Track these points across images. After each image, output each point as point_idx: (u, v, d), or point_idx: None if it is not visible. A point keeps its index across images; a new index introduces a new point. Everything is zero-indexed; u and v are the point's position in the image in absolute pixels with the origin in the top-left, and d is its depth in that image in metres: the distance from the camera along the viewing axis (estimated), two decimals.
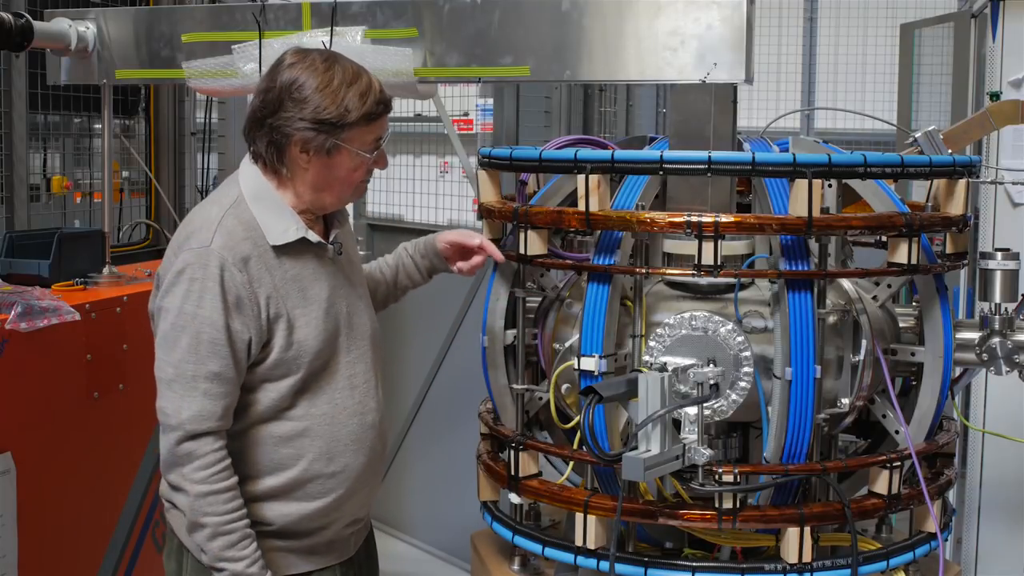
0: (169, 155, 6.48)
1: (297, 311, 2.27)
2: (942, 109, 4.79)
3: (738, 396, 2.40)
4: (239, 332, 2.20)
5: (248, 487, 2.29)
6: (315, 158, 2.26)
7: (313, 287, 2.31)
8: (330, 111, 2.23)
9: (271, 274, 2.24)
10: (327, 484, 2.32)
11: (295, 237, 2.28)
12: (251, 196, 2.29)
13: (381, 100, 2.30)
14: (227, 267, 2.19)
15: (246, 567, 2.21)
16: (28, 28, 3.58)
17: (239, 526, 2.22)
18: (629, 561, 2.46)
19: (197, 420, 2.18)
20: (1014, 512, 3.87)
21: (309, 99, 2.23)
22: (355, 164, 2.29)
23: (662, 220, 2.40)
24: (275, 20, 3.37)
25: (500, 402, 2.79)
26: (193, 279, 2.19)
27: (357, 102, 2.25)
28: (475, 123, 4.98)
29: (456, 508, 4.81)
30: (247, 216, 2.27)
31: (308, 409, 2.29)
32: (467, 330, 4.84)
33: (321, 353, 2.29)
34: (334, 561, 2.41)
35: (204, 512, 2.19)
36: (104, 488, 3.44)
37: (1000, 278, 2.63)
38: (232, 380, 2.21)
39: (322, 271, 2.33)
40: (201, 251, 2.21)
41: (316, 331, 2.28)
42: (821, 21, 8.92)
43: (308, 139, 2.23)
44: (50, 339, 3.14)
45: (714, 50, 2.75)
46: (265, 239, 2.26)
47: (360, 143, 2.28)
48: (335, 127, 2.24)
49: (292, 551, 2.35)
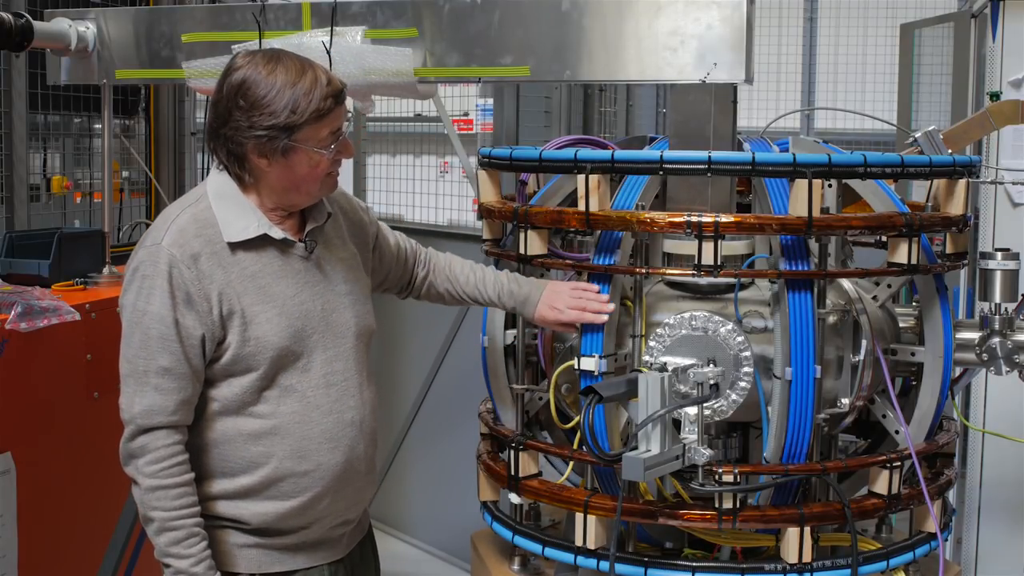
0: (169, 155, 6.47)
1: (256, 308, 2.25)
2: (942, 109, 4.79)
3: (738, 396, 2.40)
4: (190, 328, 2.21)
5: (223, 485, 2.29)
6: (273, 162, 2.25)
7: (277, 284, 2.28)
8: (278, 116, 2.20)
9: (225, 271, 2.24)
10: (300, 483, 2.30)
11: (255, 234, 2.27)
12: (214, 194, 2.30)
13: (330, 94, 2.24)
14: (175, 264, 2.20)
15: (190, 566, 2.21)
16: (28, 28, 3.57)
17: (186, 524, 2.22)
18: (629, 561, 2.46)
19: (147, 415, 2.19)
20: (1014, 512, 3.87)
21: (255, 105, 2.21)
22: (314, 161, 2.26)
23: (662, 220, 2.40)
24: (275, 20, 3.37)
25: (500, 402, 2.79)
26: (144, 276, 2.22)
27: (303, 102, 2.21)
28: (475, 123, 4.98)
29: (456, 508, 4.81)
30: (206, 214, 2.27)
31: (276, 407, 2.28)
32: (467, 330, 4.83)
33: (286, 350, 2.27)
34: (322, 561, 2.40)
35: (152, 506, 2.21)
36: (104, 488, 3.44)
37: (1000, 278, 2.63)
38: (185, 375, 2.21)
39: (289, 268, 2.31)
40: (152, 248, 2.23)
41: (277, 328, 2.26)
42: (821, 21, 8.92)
43: (262, 145, 2.22)
44: (50, 339, 3.14)
45: (714, 50, 2.75)
46: (220, 236, 2.26)
47: (315, 140, 2.24)
48: (285, 130, 2.21)
49: (275, 548, 2.34)
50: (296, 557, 2.36)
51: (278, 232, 2.30)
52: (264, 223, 2.28)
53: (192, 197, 2.33)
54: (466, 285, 2.67)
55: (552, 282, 2.61)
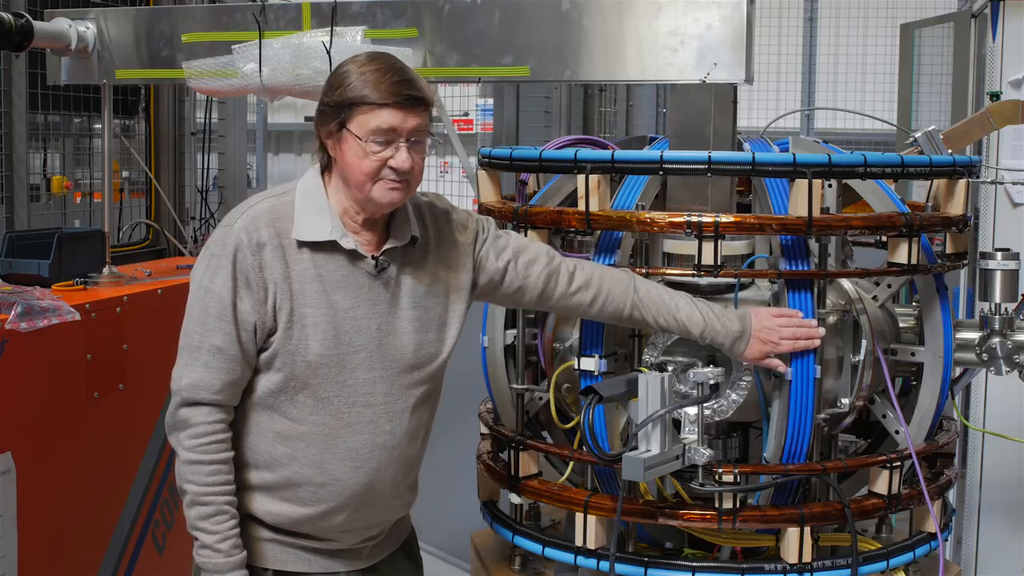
0: (169, 155, 6.48)
1: (307, 310, 2.24)
2: (942, 109, 4.80)
3: (738, 396, 2.40)
4: (246, 313, 2.22)
5: (248, 476, 2.30)
6: (336, 145, 2.24)
7: (335, 293, 2.26)
8: (334, 92, 2.21)
9: (286, 266, 2.24)
10: (317, 493, 2.30)
11: (326, 238, 2.25)
12: (301, 192, 2.30)
13: (395, 91, 2.18)
14: (241, 247, 2.22)
15: (215, 542, 2.23)
16: (28, 28, 3.57)
17: (216, 500, 2.23)
18: (629, 561, 2.46)
19: (193, 389, 2.21)
20: (1014, 512, 3.87)
21: (328, 81, 2.25)
22: (359, 152, 2.20)
23: (662, 220, 2.40)
24: (275, 20, 3.37)
25: (500, 402, 2.79)
26: (212, 255, 2.24)
27: (359, 84, 2.19)
28: (475, 123, 4.99)
29: (456, 508, 4.80)
30: (286, 208, 2.27)
31: (310, 415, 2.27)
32: (467, 330, 4.81)
33: (326, 359, 2.25)
34: (343, 568, 2.39)
35: (187, 479, 2.23)
36: (104, 488, 3.44)
37: (1000, 278, 2.63)
38: (235, 358, 2.22)
39: (352, 281, 2.27)
40: (225, 230, 2.26)
41: (323, 335, 2.25)
42: (821, 21, 8.93)
43: (323, 119, 2.23)
44: (50, 339, 3.14)
45: (714, 50, 2.75)
46: (290, 232, 2.26)
47: (364, 130, 2.19)
48: (338, 107, 2.20)
49: (295, 547, 2.34)
50: (315, 559, 2.36)
51: (349, 242, 2.26)
52: (339, 230, 2.26)
53: (280, 189, 2.34)
54: (656, 311, 2.41)
55: (754, 311, 2.41)
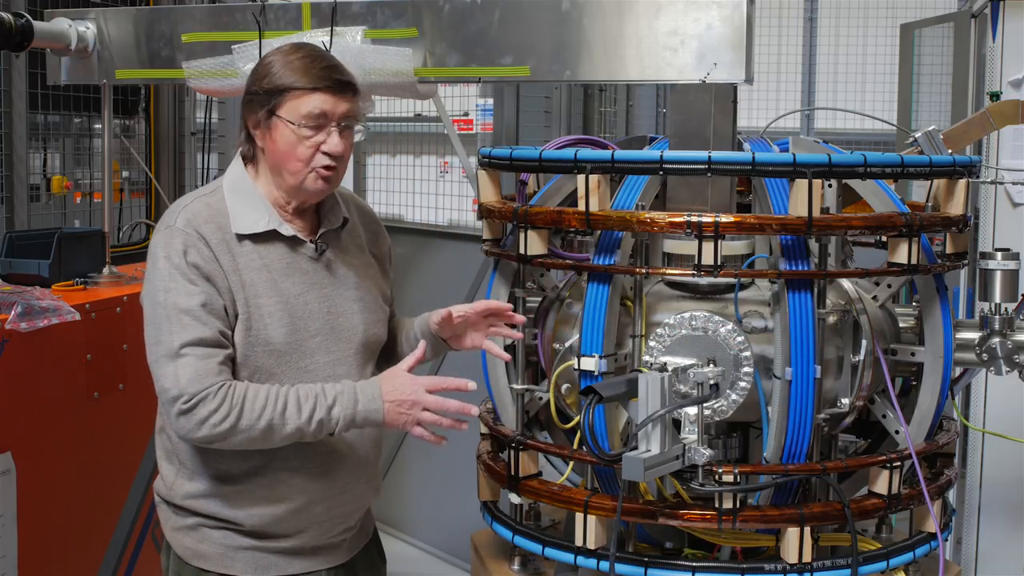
0: (169, 155, 6.47)
1: (261, 299, 2.25)
2: (942, 109, 4.79)
3: (738, 396, 2.40)
4: (211, 297, 2.20)
5: (218, 482, 2.29)
6: (265, 134, 2.25)
7: (283, 281, 2.28)
8: (262, 79, 2.23)
9: (233, 258, 2.25)
10: (294, 485, 2.30)
11: (264, 228, 2.27)
12: (229, 187, 2.31)
13: (326, 76, 2.21)
14: (190, 243, 2.22)
15: (324, 410, 2.19)
16: (28, 28, 3.58)
17: (283, 391, 2.18)
18: (629, 561, 2.46)
19: (196, 379, 2.16)
20: (1014, 512, 3.86)
21: (254, 71, 2.27)
22: (294, 138, 2.22)
23: (662, 220, 2.40)
24: (275, 20, 3.37)
25: (500, 402, 2.79)
26: (162, 257, 2.22)
27: (286, 72, 2.20)
28: (475, 123, 4.98)
29: (456, 508, 4.80)
30: (218, 204, 2.29)
31: None
32: None
33: (283, 347, 2.26)
34: (322, 566, 2.40)
35: (253, 426, 2.16)
36: (104, 488, 3.44)
37: (1000, 278, 2.63)
38: (216, 341, 2.19)
39: (296, 267, 2.31)
40: (166, 231, 2.25)
41: (279, 323, 2.26)
42: (821, 21, 8.92)
43: (251, 108, 2.25)
44: (50, 339, 3.14)
45: (714, 50, 2.75)
46: (230, 227, 2.26)
47: (295, 115, 2.21)
48: (268, 94, 2.22)
49: (272, 551, 2.33)
50: (294, 561, 2.36)
51: (288, 229, 2.29)
52: (275, 219, 2.29)
53: (207, 188, 2.35)
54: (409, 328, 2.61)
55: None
